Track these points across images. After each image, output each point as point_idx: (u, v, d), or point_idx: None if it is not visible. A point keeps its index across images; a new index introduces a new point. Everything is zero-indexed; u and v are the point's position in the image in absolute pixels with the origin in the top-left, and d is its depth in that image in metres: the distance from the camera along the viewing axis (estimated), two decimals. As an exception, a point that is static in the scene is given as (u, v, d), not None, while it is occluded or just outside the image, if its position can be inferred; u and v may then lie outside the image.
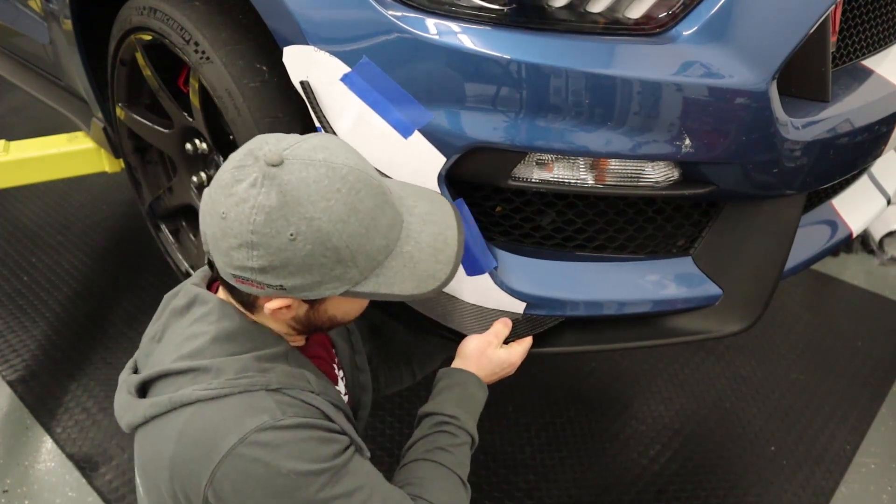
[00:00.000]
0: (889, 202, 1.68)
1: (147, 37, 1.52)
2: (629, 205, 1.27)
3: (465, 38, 1.09)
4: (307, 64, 1.18)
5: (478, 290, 1.24)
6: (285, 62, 1.21)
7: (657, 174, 1.19)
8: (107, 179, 2.42)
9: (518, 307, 1.24)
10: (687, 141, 1.11)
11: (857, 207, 1.58)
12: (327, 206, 0.86)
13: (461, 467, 1.08)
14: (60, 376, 2.02)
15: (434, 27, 1.09)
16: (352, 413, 1.18)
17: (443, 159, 1.14)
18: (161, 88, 1.60)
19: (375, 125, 1.15)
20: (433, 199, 1.06)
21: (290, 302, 0.92)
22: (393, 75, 1.12)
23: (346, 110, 1.17)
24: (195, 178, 1.71)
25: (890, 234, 2.57)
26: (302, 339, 1.07)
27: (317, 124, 1.21)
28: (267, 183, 0.85)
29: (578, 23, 1.10)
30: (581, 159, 1.17)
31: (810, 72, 1.20)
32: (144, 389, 0.96)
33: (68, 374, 2.02)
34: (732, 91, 1.09)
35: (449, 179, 1.17)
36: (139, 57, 1.59)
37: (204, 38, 1.35)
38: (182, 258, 1.87)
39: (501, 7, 1.09)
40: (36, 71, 2.33)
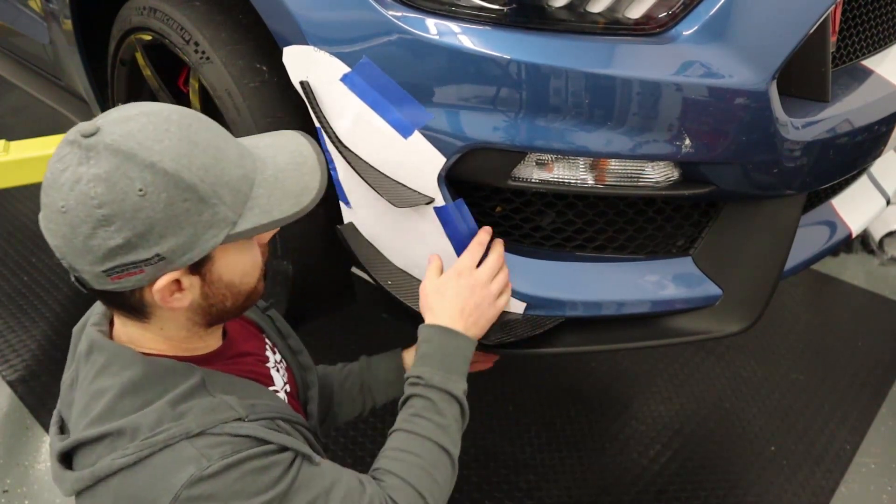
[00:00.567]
0: (889, 202, 1.68)
1: (147, 37, 1.52)
2: (629, 205, 1.27)
3: (465, 39, 1.09)
4: (307, 64, 1.18)
5: None
6: (285, 62, 1.21)
7: (657, 174, 1.19)
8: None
9: (518, 307, 1.24)
10: (687, 141, 1.11)
11: (857, 207, 1.58)
12: (163, 148, 0.79)
13: (437, 431, 1.01)
14: (60, 376, 2.01)
15: (434, 27, 1.09)
16: (302, 396, 1.14)
17: (443, 159, 1.14)
18: (161, 88, 1.60)
19: (375, 125, 1.15)
20: (273, 134, 0.99)
21: (178, 276, 0.83)
22: (393, 75, 1.12)
23: (346, 110, 1.17)
24: (195, 178, 1.71)
25: (890, 234, 2.57)
26: (215, 338, 0.99)
27: (316, 124, 1.21)
28: (92, 154, 0.78)
29: (578, 23, 1.10)
30: (581, 159, 1.17)
31: (810, 72, 1.20)
32: (68, 456, 0.90)
33: (68, 374, 2.01)
34: (732, 91, 1.09)
35: (449, 179, 1.17)
36: (139, 57, 1.59)
37: (204, 38, 1.35)
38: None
39: (501, 7, 1.09)
40: (36, 71, 2.33)
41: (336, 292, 1.52)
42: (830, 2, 1.13)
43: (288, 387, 1.09)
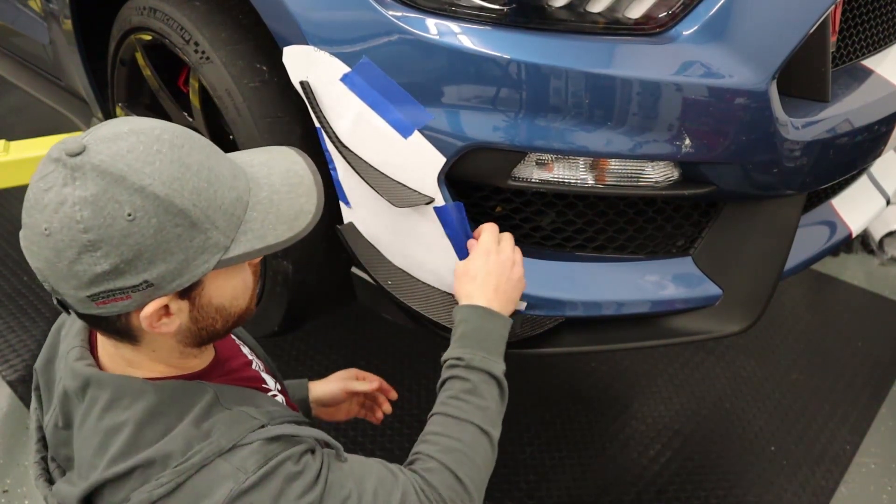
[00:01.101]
0: (888, 202, 1.68)
1: (147, 37, 1.52)
2: (629, 205, 1.27)
3: (466, 39, 1.09)
4: (307, 64, 1.18)
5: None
6: (285, 62, 1.21)
7: (657, 174, 1.19)
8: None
9: (519, 305, 1.24)
10: (687, 141, 1.11)
11: (857, 207, 1.58)
12: (153, 170, 0.75)
13: (477, 413, 1.00)
14: (60, 376, 2.01)
15: (434, 27, 1.09)
16: (283, 386, 1.12)
17: (443, 159, 1.14)
18: (161, 88, 1.59)
19: (375, 125, 1.15)
20: (267, 150, 0.95)
21: (166, 301, 0.80)
22: (393, 75, 1.12)
23: (346, 110, 1.17)
24: (195, 178, 1.71)
25: (890, 234, 2.57)
26: (210, 352, 0.96)
27: (316, 124, 1.21)
28: (78, 175, 0.74)
29: (578, 23, 1.10)
30: (581, 159, 1.17)
31: (810, 72, 1.20)
32: (89, 500, 0.86)
33: (68, 374, 2.01)
34: (732, 91, 1.09)
35: (449, 180, 1.17)
36: (139, 57, 1.59)
37: (204, 38, 1.35)
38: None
39: (501, 7, 1.09)
40: (36, 71, 2.33)
41: (336, 292, 1.52)
42: (830, 2, 1.13)
43: (277, 384, 1.08)
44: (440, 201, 1.17)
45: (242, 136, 1.32)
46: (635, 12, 1.10)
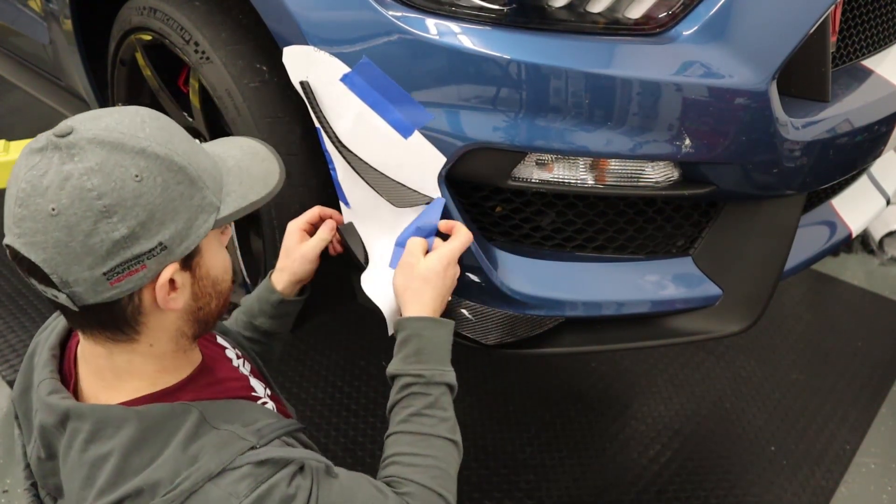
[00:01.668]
0: (888, 202, 1.68)
1: (147, 37, 1.52)
2: (629, 205, 1.27)
3: (466, 39, 1.09)
4: (307, 64, 1.18)
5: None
6: (285, 62, 1.21)
7: (657, 174, 1.19)
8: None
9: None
10: (687, 141, 1.11)
11: (857, 207, 1.58)
12: (147, 135, 0.79)
13: (442, 425, 1.02)
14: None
15: (434, 27, 1.09)
16: (272, 387, 1.11)
17: (443, 159, 1.14)
18: (161, 88, 1.60)
19: (375, 125, 1.15)
20: (216, 142, 0.99)
21: (174, 271, 0.81)
22: (393, 75, 1.12)
23: (346, 110, 1.17)
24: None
25: (890, 234, 2.57)
26: (197, 353, 0.96)
27: (316, 124, 1.21)
28: (76, 150, 0.75)
29: (578, 23, 1.10)
30: (581, 159, 1.17)
31: (810, 72, 1.20)
32: None
33: (68, 374, 2.01)
34: (732, 91, 1.09)
35: (449, 179, 1.17)
36: (139, 57, 1.59)
37: (204, 38, 1.35)
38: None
39: (501, 7, 1.09)
40: (36, 71, 2.33)
41: (335, 291, 1.52)
42: (830, 2, 1.13)
43: (267, 389, 1.07)
44: (440, 201, 1.17)
45: (243, 137, 1.32)
46: (635, 12, 1.10)
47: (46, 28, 2.02)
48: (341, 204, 1.29)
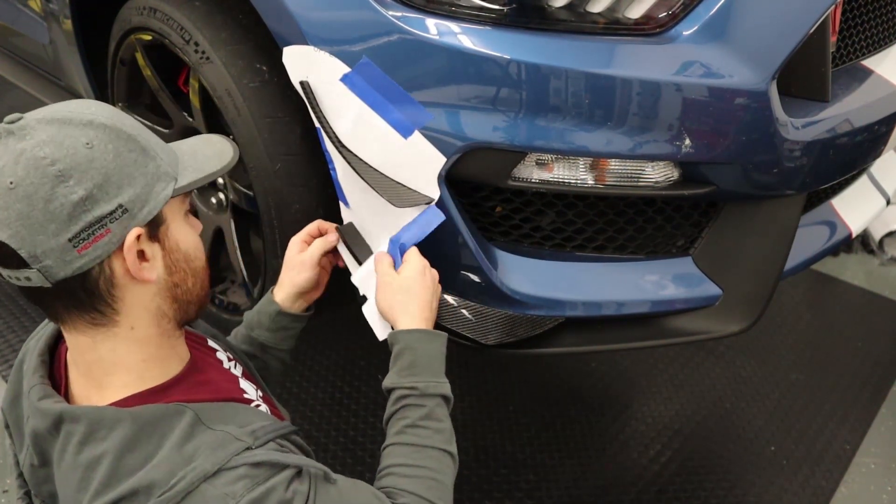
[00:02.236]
0: (888, 202, 1.68)
1: (147, 37, 1.52)
2: (629, 205, 1.27)
3: (466, 39, 1.09)
4: (307, 64, 1.18)
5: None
6: (285, 62, 1.21)
7: (657, 174, 1.19)
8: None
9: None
10: (687, 141, 1.11)
11: (857, 207, 1.58)
12: (93, 112, 0.83)
13: (437, 436, 1.02)
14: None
15: (434, 27, 1.09)
16: (264, 389, 1.11)
17: (443, 159, 1.14)
18: (161, 88, 1.60)
19: (375, 125, 1.15)
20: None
21: (140, 232, 0.82)
22: (393, 75, 1.12)
23: (346, 110, 1.17)
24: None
25: (890, 234, 2.57)
26: (184, 348, 0.96)
27: (316, 124, 1.21)
28: (27, 131, 0.79)
29: (578, 23, 1.10)
30: (581, 159, 1.17)
31: (810, 72, 1.20)
32: None
33: (68, 374, 2.01)
34: (732, 91, 1.09)
35: (449, 179, 1.17)
36: (139, 57, 1.59)
37: (204, 38, 1.35)
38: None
39: (501, 7, 1.09)
40: (36, 71, 2.33)
41: (335, 291, 1.52)
42: (830, 2, 1.13)
43: (259, 391, 1.06)
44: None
45: (242, 136, 1.32)
46: (635, 12, 1.10)
47: (46, 28, 2.02)
48: (341, 204, 1.29)
